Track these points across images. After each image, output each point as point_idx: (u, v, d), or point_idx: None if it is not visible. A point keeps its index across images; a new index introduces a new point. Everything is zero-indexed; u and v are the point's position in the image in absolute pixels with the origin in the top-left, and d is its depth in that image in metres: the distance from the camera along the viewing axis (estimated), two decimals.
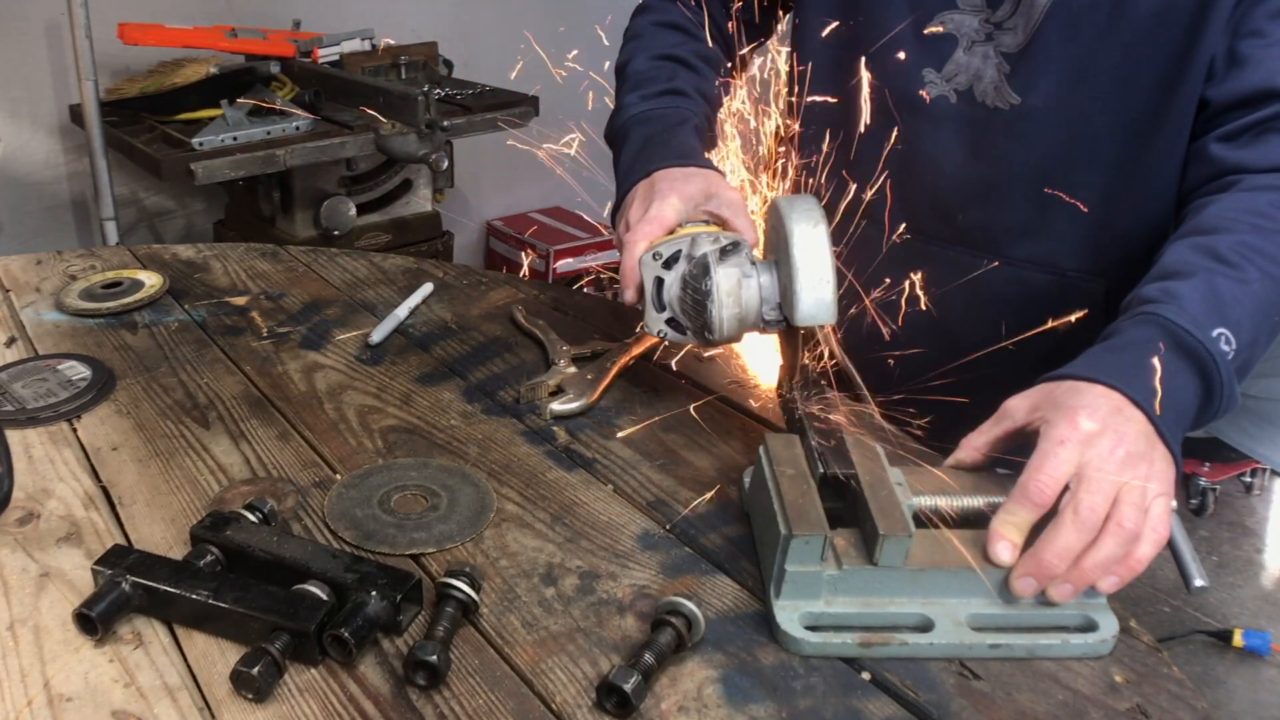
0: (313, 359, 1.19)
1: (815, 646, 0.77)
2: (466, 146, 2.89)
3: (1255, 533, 2.69)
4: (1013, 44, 1.09)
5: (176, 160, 2.14)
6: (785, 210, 0.90)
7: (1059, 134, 1.09)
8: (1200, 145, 1.04)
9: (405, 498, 0.94)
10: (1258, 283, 0.90)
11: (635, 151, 1.13)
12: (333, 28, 2.66)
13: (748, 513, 0.92)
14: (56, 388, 1.08)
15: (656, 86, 1.20)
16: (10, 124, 2.50)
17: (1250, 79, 1.00)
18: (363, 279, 1.41)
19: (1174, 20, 1.01)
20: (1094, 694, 0.75)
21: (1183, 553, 0.82)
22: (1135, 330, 0.88)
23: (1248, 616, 2.38)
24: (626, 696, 0.69)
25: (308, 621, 0.73)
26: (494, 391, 1.13)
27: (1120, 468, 0.78)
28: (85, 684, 0.72)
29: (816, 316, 0.89)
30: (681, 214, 1.01)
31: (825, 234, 0.89)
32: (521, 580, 0.84)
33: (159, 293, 1.32)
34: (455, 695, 0.72)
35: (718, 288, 0.92)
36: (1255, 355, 0.91)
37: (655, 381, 1.14)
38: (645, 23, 1.31)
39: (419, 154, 2.35)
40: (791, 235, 0.89)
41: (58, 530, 0.88)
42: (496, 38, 3.20)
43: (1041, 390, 0.85)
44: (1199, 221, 0.98)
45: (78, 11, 2.17)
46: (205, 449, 1.00)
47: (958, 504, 0.84)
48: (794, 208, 0.90)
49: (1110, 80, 1.05)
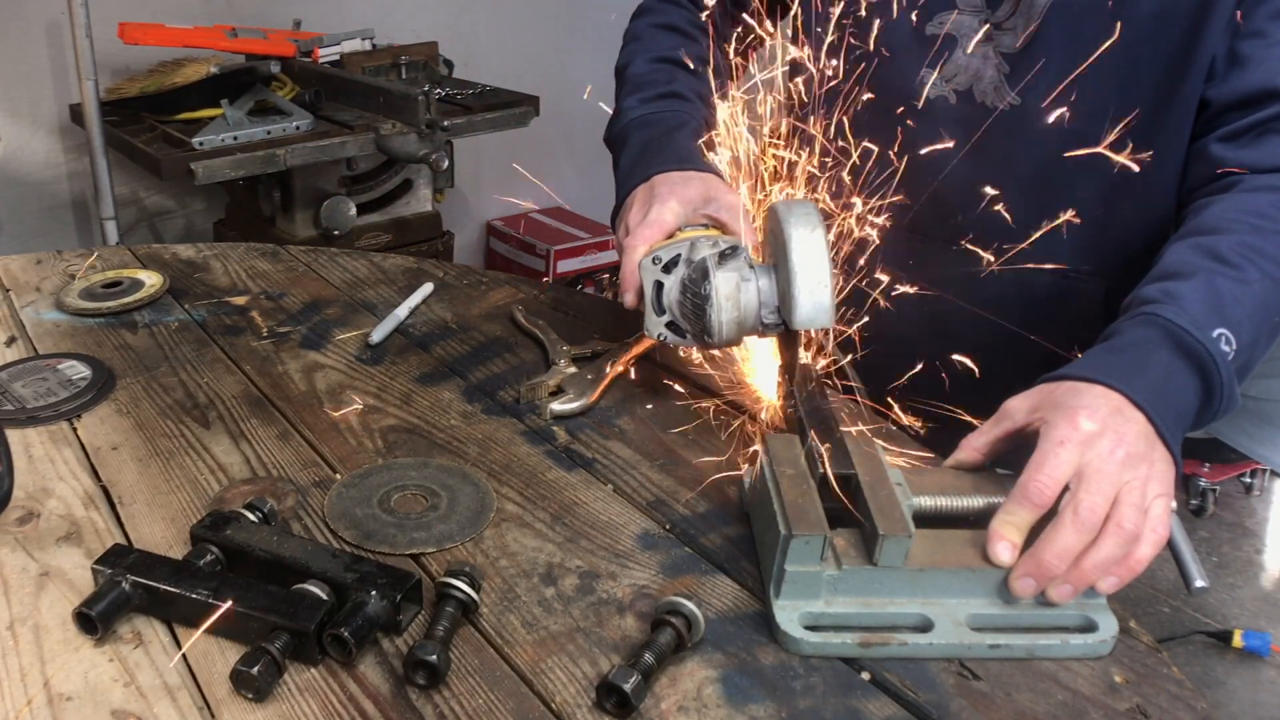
0: (313, 359, 1.19)
1: (815, 646, 0.77)
2: (467, 146, 2.89)
3: (1255, 533, 2.69)
4: (1012, 44, 1.09)
5: (177, 160, 2.15)
6: (783, 215, 0.91)
7: (1058, 135, 1.09)
8: (1201, 145, 1.04)
9: (405, 497, 0.94)
10: (1258, 283, 0.90)
11: (634, 155, 1.13)
12: (333, 27, 2.66)
13: (748, 513, 0.92)
14: (56, 387, 1.08)
15: (655, 90, 1.20)
16: (10, 123, 2.50)
17: (1251, 79, 1.00)
18: (363, 279, 1.41)
19: (1174, 21, 1.01)
20: (1094, 694, 0.75)
21: (1183, 553, 0.82)
22: (1135, 331, 0.88)
23: (1248, 617, 2.38)
24: (626, 696, 0.69)
25: (307, 621, 0.73)
26: (494, 391, 1.13)
27: (1120, 468, 0.78)
28: (85, 683, 0.72)
29: (815, 320, 0.90)
30: (681, 217, 1.01)
31: (823, 238, 0.89)
32: (521, 580, 0.84)
33: (159, 292, 1.32)
34: (455, 695, 0.72)
35: (716, 291, 0.92)
36: (1255, 356, 0.91)
37: (655, 382, 1.14)
38: (644, 25, 1.31)
39: (419, 154, 2.35)
40: (789, 240, 0.89)
41: (58, 529, 0.88)
42: (497, 38, 3.20)
43: (1041, 391, 0.85)
44: (1199, 222, 0.98)
45: (78, 11, 2.17)
46: (205, 448, 1.00)
47: (957, 504, 0.84)
48: (792, 212, 0.91)
49: (1110, 81, 1.05)
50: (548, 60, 3.29)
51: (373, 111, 2.43)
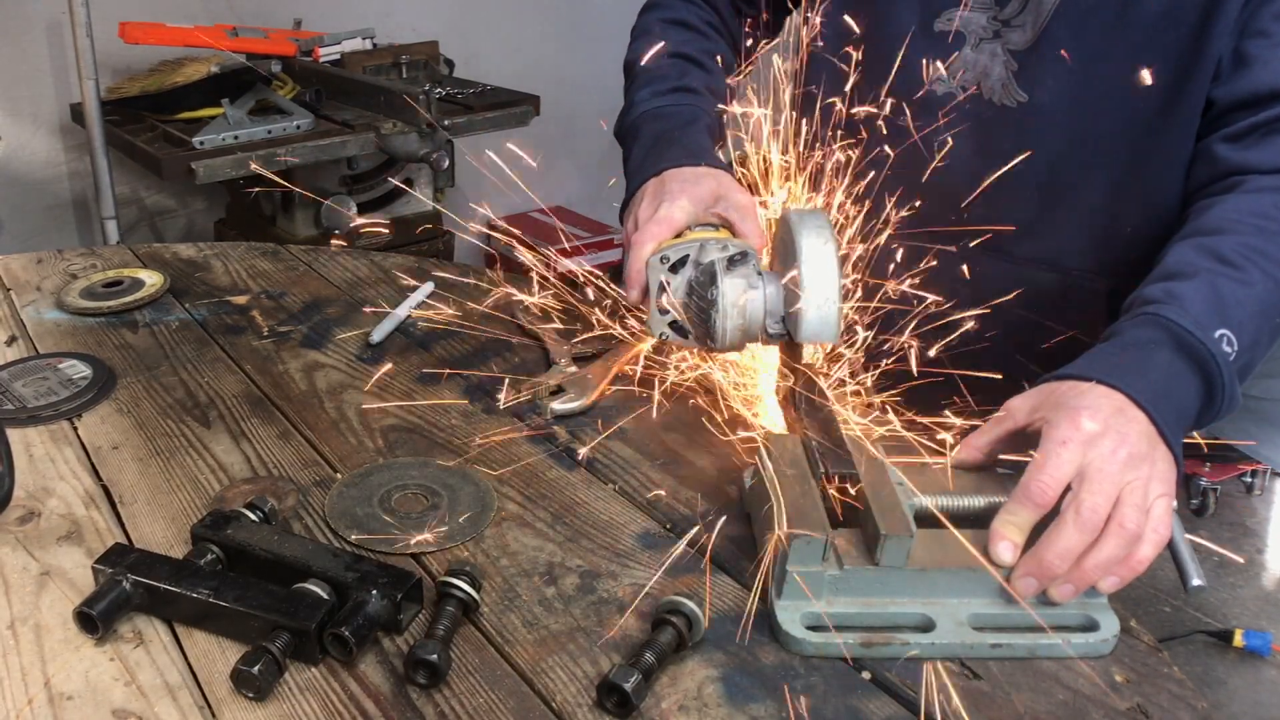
0: (313, 358, 1.19)
1: (816, 646, 0.76)
2: (467, 146, 2.89)
3: (1255, 533, 2.69)
4: (1021, 41, 1.08)
5: (177, 159, 2.14)
6: (795, 224, 0.89)
7: (1066, 132, 1.08)
8: (1205, 145, 1.04)
9: (406, 497, 0.94)
10: (1260, 284, 0.90)
11: (646, 149, 1.12)
12: (334, 27, 2.66)
13: (748, 513, 0.92)
14: (57, 386, 1.08)
15: (667, 84, 1.19)
16: (11, 123, 2.50)
17: (1256, 80, 0.99)
18: (363, 278, 1.41)
19: (1181, 20, 1.01)
20: (1094, 694, 0.75)
21: (1181, 553, 0.82)
22: (1137, 331, 0.88)
23: (1248, 617, 2.38)
24: (627, 695, 0.69)
25: (308, 620, 0.73)
26: (494, 391, 1.13)
27: (1122, 468, 0.77)
28: (86, 682, 0.72)
29: (820, 335, 0.89)
30: (691, 216, 1.01)
31: (834, 251, 0.88)
32: (522, 579, 0.84)
33: (160, 292, 1.32)
34: (456, 694, 0.72)
35: (723, 297, 0.91)
36: (1257, 357, 0.91)
37: (655, 382, 1.14)
38: (654, 19, 1.30)
39: (420, 153, 2.35)
40: (801, 251, 0.88)
41: (58, 529, 0.88)
42: (497, 37, 3.20)
43: (1043, 390, 0.85)
44: (1202, 222, 0.97)
45: (79, 10, 2.17)
46: (206, 448, 1.00)
47: (959, 504, 0.84)
48: (804, 223, 0.89)
49: (1117, 79, 1.05)
50: (548, 60, 3.28)
51: (373, 111, 2.43)
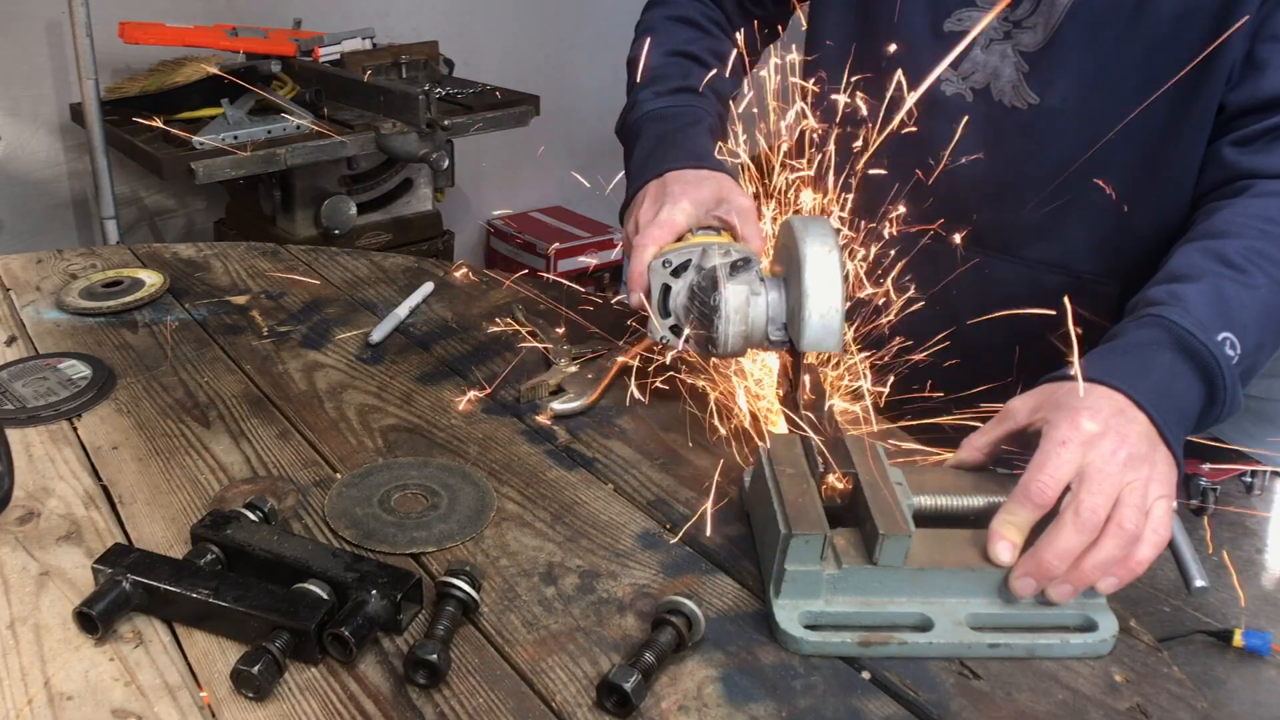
0: (313, 358, 1.19)
1: (815, 646, 0.77)
2: (467, 145, 2.89)
3: (1255, 533, 2.69)
4: (1032, 43, 1.08)
5: (177, 159, 2.15)
6: (799, 232, 0.88)
7: (1076, 135, 1.07)
8: (1214, 149, 1.03)
9: (405, 497, 0.94)
10: (1265, 288, 0.90)
11: (648, 150, 1.11)
12: (334, 26, 2.66)
13: (748, 513, 0.92)
14: (57, 386, 1.08)
15: (670, 84, 1.18)
16: (11, 123, 2.50)
17: (1267, 84, 0.99)
18: (363, 278, 1.41)
19: (1195, 23, 1.00)
20: (1094, 694, 0.75)
21: (1183, 553, 0.82)
22: (1140, 332, 0.88)
23: (1248, 617, 2.38)
24: (626, 695, 0.69)
25: (308, 620, 0.73)
26: (494, 391, 1.13)
27: (1122, 469, 0.77)
28: (85, 682, 0.72)
29: (822, 344, 0.88)
30: (693, 219, 1.00)
31: (838, 260, 0.87)
32: (522, 579, 0.84)
33: (159, 291, 1.32)
34: (455, 694, 0.72)
35: (726, 303, 0.91)
36: (1260, 360, 0.91)
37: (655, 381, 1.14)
38: (658, 16, 1.29)
39: (420, 153, 2.35)
40: (804, 259, 0.87)
41: (58, 529, 0.88)
42: (497, 37, 3.20)
43: (1044, 391, 0.85)
44: (1209, 225, 0.97)
45: (78, 10, 2.17)
46: (205, 448, 1.00)
47: (958, 503, 0.84)
48: (808, 230, 0.88)
49: (1130, 82, 1.04)
50: (548, 60, 3.28)
51: (373, 111, 2.43)
